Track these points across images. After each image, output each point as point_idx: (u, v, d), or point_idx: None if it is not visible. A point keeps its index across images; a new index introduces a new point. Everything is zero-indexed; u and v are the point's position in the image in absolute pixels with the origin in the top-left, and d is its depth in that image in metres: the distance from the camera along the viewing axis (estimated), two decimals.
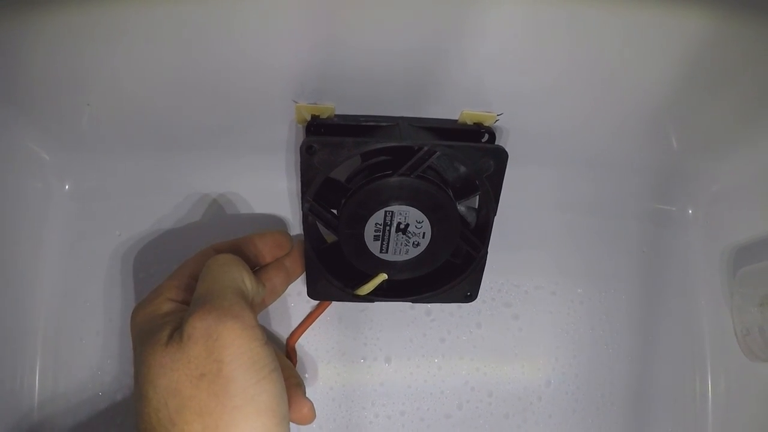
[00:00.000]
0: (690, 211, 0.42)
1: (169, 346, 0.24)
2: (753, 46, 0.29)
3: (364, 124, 0.33)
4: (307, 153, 0.30)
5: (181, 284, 0.30)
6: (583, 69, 0.31)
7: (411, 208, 0.31)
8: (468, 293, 0.36)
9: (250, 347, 0.24)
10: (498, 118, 0.33)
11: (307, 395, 0.32)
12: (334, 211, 0.32)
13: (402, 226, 0.32)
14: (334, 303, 0.38)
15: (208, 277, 0.27)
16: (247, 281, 0.28)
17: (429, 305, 0.39)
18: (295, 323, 0.38)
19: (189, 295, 0.28)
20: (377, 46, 0.29)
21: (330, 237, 0.34)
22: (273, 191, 0.38)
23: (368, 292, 0.34)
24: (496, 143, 0.34)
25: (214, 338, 0.24)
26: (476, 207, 0.35)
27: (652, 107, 0.34)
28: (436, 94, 0.32)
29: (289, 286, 0.35)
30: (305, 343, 0.38)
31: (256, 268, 0.34)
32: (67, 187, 0.38)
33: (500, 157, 0.31)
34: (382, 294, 0.35)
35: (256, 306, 0.30)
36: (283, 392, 0.25)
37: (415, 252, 0.33)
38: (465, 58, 0.29)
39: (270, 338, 0.36)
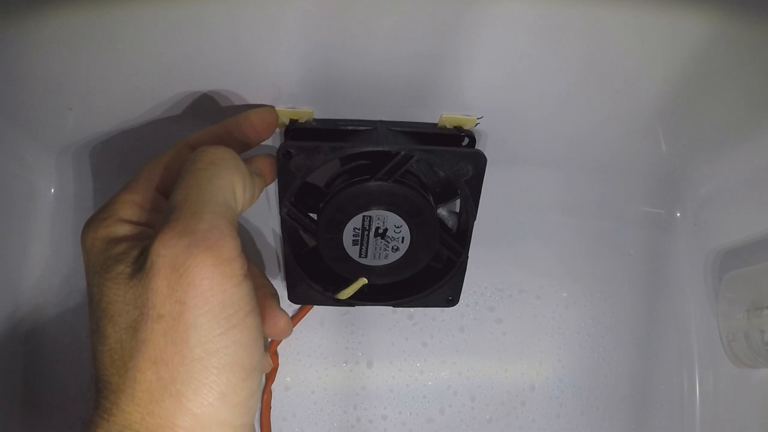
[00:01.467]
0: (678, 214, 0.42)
1: (133, 279, 0.21)
2: (743, 51, 0.29)
3: (342, 128, 0.32)
4: (283, 158, 0.30)
5: (141, 200, 0.25)
6: (571, 72, 0.30)
7: (389, 212, 0.31)
8: (450, 297, 0.36)
9: (223, 288, 0.20)
10: (479, 121, 0.33)
11: (288, 398, 0.31)
12: (313, 216, 0.32)
13: (380, 231, 0.32)
14: (315, 306, 0.38)
15: (188, 181, 0.22)
16: (239, 187, 0.23)
17: (411, 309, 0.39)
18: None
19: (151, 216, 0.24)
20: (356, 51, 0.29)
21: (310, 241, 0.34)
22: None
23: (349, 296, 0.34)
24: (476, 147, 0.33)
25: (179, 273, 0.20)
26: (457, 210, 0.35)
27: (642, 111, 0.34)
28: (416, 98, 0.32)
29: None
30: (287, 347, 0.38)
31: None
32: (52, 190, 0.38)
33: (479, 161, 0.31)
34: (363, 298, 0.35)
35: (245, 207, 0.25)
36: (258, 337, 0.22)
37: (394, 256, 0.33)
38: (446, 61, 0.29)
39: None
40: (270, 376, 0.37)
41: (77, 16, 0.26)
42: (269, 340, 0.36)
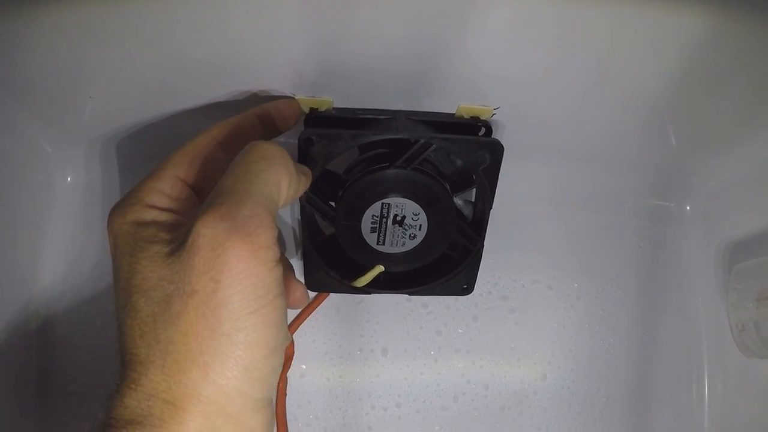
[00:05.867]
0: (687, 208, 0.42)
1: (172, 257, 0.22)
2: (750, 43, 0.29)
3: (361, 116, 0.33)
4: (305, 145, 0.30)
5: (166, 188, 0.25)
6: (581, 65, 0.31)
7: (407, 200, 0.31)
8: (464, 286, 0.36)
9: (256, 272, 0.21)
10: (495, 112, 0.33)
11: (303, 385, 0.31)
12: (332, 203, 0.33)
13: (398, 219, 0.32)
14: (331, 294, 0.38)
15: (238, 170, 0.23)
16: (284, 183, 0.24)
17: (426, 298, 0.40)
18: (293, 314, 0.38)
19: (176, 204, 0.25)
20: (376, 40, 0.29)
21: (328, 229, 0.35)
22: None
23: (365, 283, 0.34)
24: (492, 137, 0.34)
25: (217, 252, 0.21)
26: (473, 200, 0.35)
27: (651, 104, 0.34)
28: (433, 88, 0.32)
29: None
30: (303, 334, 0.39)
31: None
32: (69, 179, 0.38)
33: (496, 150, 0.31)
34: (379, 286, 0.35)
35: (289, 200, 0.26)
36: (283, 318, 0.23)
37: (411, 244, 0.33)
38: (463, 52, 0.30)
39: None
40: (286, 364, 0.37)
41: (97, 5, 0.27)
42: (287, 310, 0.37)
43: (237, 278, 0.21)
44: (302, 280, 0.35)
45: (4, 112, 0.33)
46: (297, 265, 0.38)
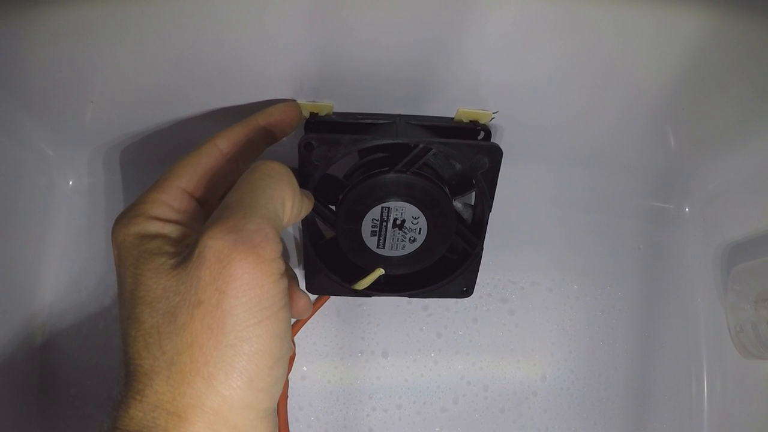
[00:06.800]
0: (687, 209, 0.43)
1: (178, 268, 0.22)
2: (750, 45, 0.29)
3: (361, 121, 0.33)
4: (305, 150, 0.30)
5: (169, 199, 0.26)
6: (580, 67, 0.31)
7: (407, 204, 0.32)
8: (464, 288, 0.36)
9: (261, 284, 0.22)
10: (494, 116, 0.34)
11: (305, 387, 0.32)
12: (332, 207, 0.33)
13: (398, 222, 0.32)
14: (332, 297, 0.39)
15: (245, 186, 0.24)
16: (288, 201, 0.25)
17: (426, 300, 0.40)
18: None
19: (179, 215, 0.26)
20: (375, 45, 0.29)
21: (328, 232, 0.35)
22: None
23: (366, 286, 0.35)
24: (491, 141, 0.34)
25: (223, 264, 0.21)
26: (472, 203, 0.35)
27: (651, 106, 0.34)
28: (433, 92, 0.32)
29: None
30: (304, 337, 0.39)
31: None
32: (71, 182, 0.38)
33: (494, 154, 0.31)
34: (379, 289, 0.35)
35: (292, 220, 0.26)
36: (287, 330, 0.23)
37: (411, 247, 0.33)
38: (462, 56, 0.30)
39: None
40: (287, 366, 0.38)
41: (94, 7, 0.27)
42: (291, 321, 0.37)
43: (242, 289, 0.21)
44: (303, 283, 0.36)
45: (2, 113, 0.33)
46: (299, 273, 0.38)
